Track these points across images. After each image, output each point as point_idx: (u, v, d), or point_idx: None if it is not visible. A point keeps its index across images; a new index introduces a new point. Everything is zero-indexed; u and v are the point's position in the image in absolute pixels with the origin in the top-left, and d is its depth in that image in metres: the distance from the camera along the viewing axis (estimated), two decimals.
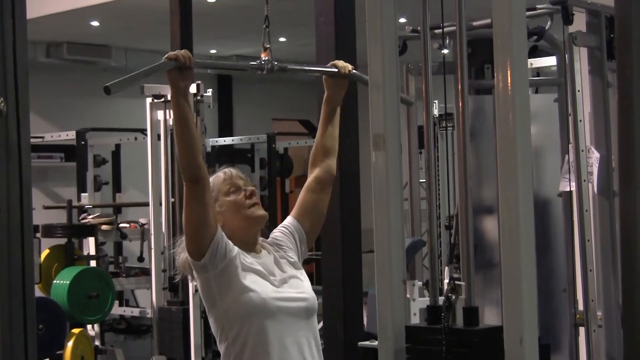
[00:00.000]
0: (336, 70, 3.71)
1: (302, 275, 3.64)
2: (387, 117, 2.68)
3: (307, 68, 4.02)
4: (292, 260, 3.65)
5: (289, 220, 3.75)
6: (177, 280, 3.90)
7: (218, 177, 3.64)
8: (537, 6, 5.06)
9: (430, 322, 2.75)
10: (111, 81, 3.19)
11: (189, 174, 3.36)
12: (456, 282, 2.70)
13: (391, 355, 2.62)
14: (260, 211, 3.62)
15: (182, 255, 3.50)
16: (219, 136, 14.46)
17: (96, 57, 13.62)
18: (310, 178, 3.77)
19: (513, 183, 2.42)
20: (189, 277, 3.61)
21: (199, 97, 9.17)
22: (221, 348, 3.52)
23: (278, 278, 3.54)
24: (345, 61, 3.79)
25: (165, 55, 3.31)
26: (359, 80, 3.72)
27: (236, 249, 3.50)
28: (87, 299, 9.22)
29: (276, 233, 3.72)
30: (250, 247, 3.58)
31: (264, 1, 3.84)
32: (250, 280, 3.46)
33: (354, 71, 3.72)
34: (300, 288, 3.56)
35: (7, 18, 2.50)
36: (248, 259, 3.51)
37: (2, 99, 2.45)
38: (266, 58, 3.57)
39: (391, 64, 2.73)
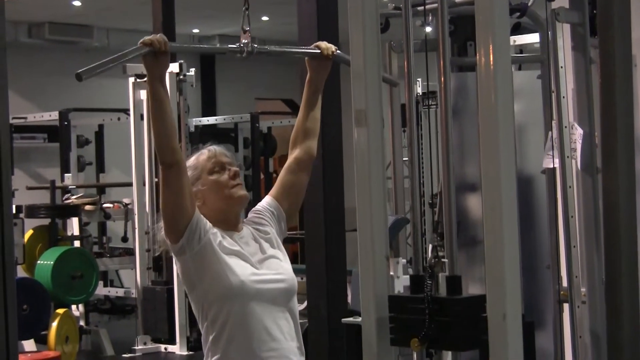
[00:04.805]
0: (319, 51, 3.67)
1: (282, 254, 3.61)
2: (368, 92, 2.67)
3: (288, 50, 3.94)
4: (272, 239, 3.63)
5: (267, 200, 3.73)
6: (157, 253, 3.89)
7: (202, 155, 3.61)
8: None
9: (414, 292, 2.76)
10: (92, 62, 3.17)
11: (162, 158, 3.36)
12: (439, 253, 2.71)
13: (374, 325, 2.63)
14: (242, 191, 3.60)
15: (162, 231, 3.49)
16: (202, 116, 14.44)
17: (78, 37, 13.57)
18: (290, 159, 3.74)
19: (495, 160, 2.42)
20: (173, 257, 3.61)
21: (181, 77, 9.16)
22: (202, 329, 3.52)
23: (258, 258, 3.52)
24: (327, 39, 3.77)
25: (140, 40, 3.28)
26: (342, 62, 3.67)
27: (215, 230, 3.48)
28: (71, 280, 9.22)
29: (255, 212, 3.69)
30: (230, 226, 3.56)
31: None
32: (229, 262, 3.44)
33: (337, 52, 3.68)
34: (280, 269, 3.54)
35: None
36: (227, 240, 3.50)
37: None
38: (245, 41, 3.53)
39: (373, 41, 2.72)
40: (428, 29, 4.78)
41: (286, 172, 3.74)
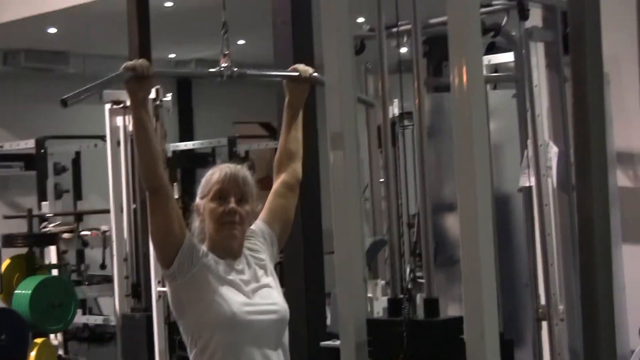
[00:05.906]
0: (297, 74, 3.67)
1: (275, 282, 3.57)
2: (343, 116, 2.68)
3: (267, 73, 3.92)
4: (266, 265, 3.59)
5: (259, 224, 3.68)
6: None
7: (215, 174, 3.52)
8: (493, 2, 5.07)
9: (392, 315, 2.76)
10: (69, 89, 3.16)
11: (148, 183, 3.33)
12: (417, 275, 2.72)
13: (352, 349, 2.62)
14: (228, 232, 3.49)
15: None
16: (180, 141, 14.41)
17: (54, 64, 13.53)
18: (277, 183, 3.72)
19: (470, 179, 2.43)
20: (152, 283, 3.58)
21: (158, 102, 9.13)
22: (190, 355, 3.48)
23: (251, 288, 3.47)
24: (303, 62, 3.77)
25: (123, 65, 3.27)
26: (320, 84, 3.66)
27: (209, 256, 3.45)
28: (50, 308, 9.15)
29: (247, 238, 3.61)
30: (226, 254, 3.50)
31: (222, 5, 3.81)
32: (221, 292, 3.40)
33: (315, 74, 3.68)
34: (272, 299, 3.49)
35: None
36: (222, 268, 3.45)
37: None
38: (225, 65, 3.54)
39: (347, 62, 2.73)
40: (403, 50, 4.80)
41: (274, 196, 3.73)
